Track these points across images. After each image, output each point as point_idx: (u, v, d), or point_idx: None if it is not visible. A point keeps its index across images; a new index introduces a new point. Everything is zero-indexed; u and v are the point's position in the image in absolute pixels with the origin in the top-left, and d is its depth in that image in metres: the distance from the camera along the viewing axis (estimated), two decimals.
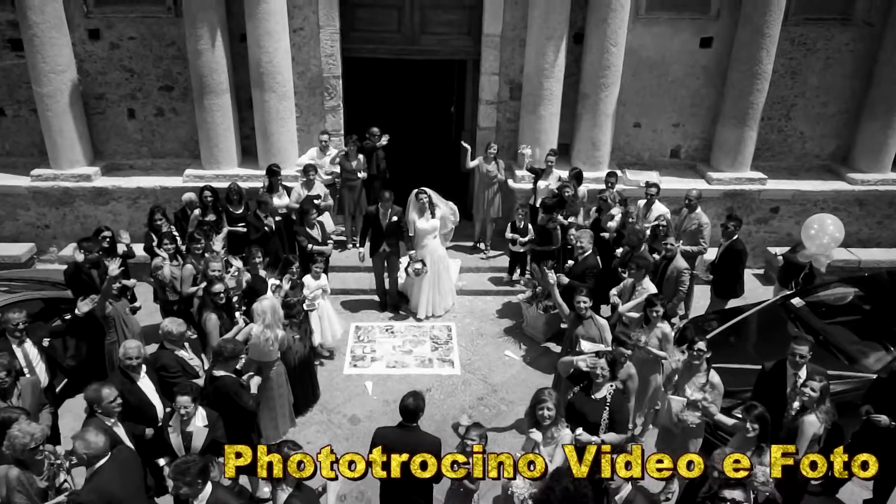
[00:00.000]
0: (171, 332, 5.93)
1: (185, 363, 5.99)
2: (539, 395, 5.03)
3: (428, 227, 8.70)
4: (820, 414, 5.34)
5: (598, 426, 5.40)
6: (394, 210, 8.55)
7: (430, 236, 8.76)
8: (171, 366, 5.87)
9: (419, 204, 8.67)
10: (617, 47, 9.39)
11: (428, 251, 8.73)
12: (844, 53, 10.20)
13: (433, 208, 8.70)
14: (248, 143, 10.08)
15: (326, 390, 7.52)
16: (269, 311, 6.26)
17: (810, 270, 8.27)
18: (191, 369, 5.99)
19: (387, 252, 8.65)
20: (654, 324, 6.26)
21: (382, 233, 8.53)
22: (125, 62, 9.71)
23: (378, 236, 8.59)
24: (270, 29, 9.01)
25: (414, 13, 9.82)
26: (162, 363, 5.88)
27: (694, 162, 10.71)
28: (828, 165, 10.87)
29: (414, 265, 8.48)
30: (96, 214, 9.80)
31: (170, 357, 5.94)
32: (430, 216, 8.70)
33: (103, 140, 10.13)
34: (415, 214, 8.73)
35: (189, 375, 5.92)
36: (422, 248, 8.75)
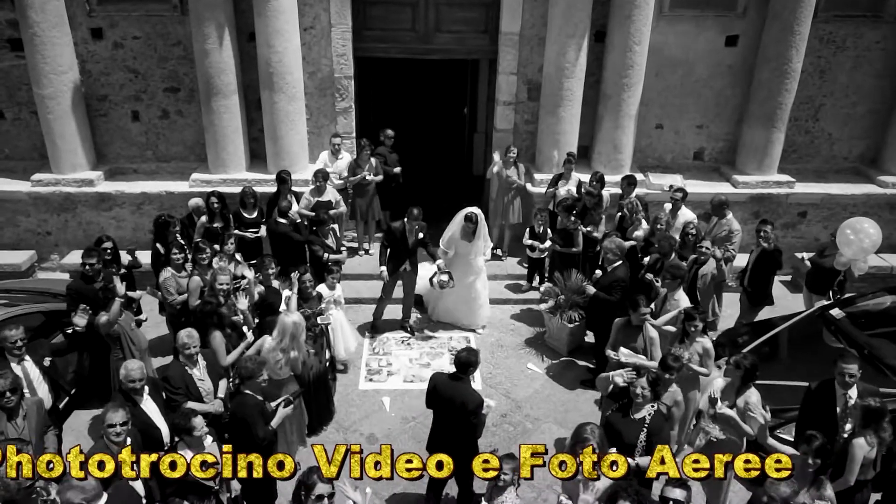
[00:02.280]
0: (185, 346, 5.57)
1: (191, 382, 5.62)
2: (581, 432, 4.64)
3: (470, 250, 8.22)
4: (870, 437, 4.99)
5: (634, 448, 5.05)
6: (420, 227, 8.02)
7: (470, 255, 8.25)
8: (176, 380, 5.52)
9: (466, 226, 8.13)
10: (640, 46, 9.03)
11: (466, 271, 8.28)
12: (875, 52, 9.83)
13: (478, 232, 8.18)
14: (257, 146, 9.73)
15: (341, 406, 7.15)
16: (290, 331, 5.91)
17: (843, 277, 7.91)
18: (195, 390, 5.61)
19: (407, 271, 8.15)
20: (694, 339, 5.89)
21: (407, 251, 8.00)
22: (129, 62, 9.36)
23: (400, 254, 8.01)
24: (280, 27, 8.64)
25: (429, 11, 9.45)
26: (167, 375, 5.56)
27: (718, 164, 10.34)
28: (856, 167, 10.50)
29: (440, 276, 7.88)
30: (99, 221, 9.45)
31: (178, 372, 5.59)
32: (473, 239, 8.19)
33: (106, 143, 9.77)
34: (458, 234, 8.21)
35: (191, 396, 5.55)
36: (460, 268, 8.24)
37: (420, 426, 6.93)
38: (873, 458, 5.01)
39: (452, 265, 8.22)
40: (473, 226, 8.07)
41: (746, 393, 5.35)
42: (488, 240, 8.53)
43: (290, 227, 8.05)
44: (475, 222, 8.07)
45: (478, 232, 8.15)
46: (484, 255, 8.43)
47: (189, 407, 5.46)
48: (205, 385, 5.71)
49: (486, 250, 8.46)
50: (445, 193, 12.26)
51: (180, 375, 5.58)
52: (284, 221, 8.03)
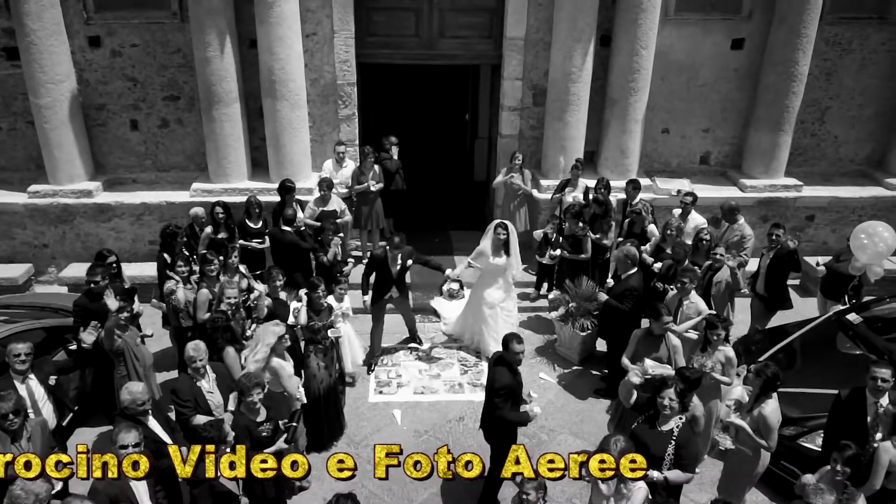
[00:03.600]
0: (191, 359, 5.41)
1: (200, 395, 5.45)
2: (605, 444, 4.50)
3: (500, 263, 7.72)
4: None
5: (662, 461, 4.91)
6: (405, 253, 7.54)
7: (500, 275, 7.81)
8: (185, 393, 5.37)
9: (496, 238, 7.65)
10: (647, 50, 8.94)
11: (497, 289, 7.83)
12: (881, 54, 9.79)
13: (508, 247, 7.69)
14: (258, 155, 9.56)
15: (352, 420, 6.98)
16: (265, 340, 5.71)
17: (858, 282, 7.82)
18: (203, 403, 5.44)
19: (394, 298, 7.67)
20: (716, 347, 5.77)
21: (391, 279, 7.55)
22: (127, 71, 9.19)
23: (384, 282, 7.56)
24: (283, 34, 8.50)
25: (433, 16, 9.33)
26: (175, 388, 5.42)
27: (724, 168, 10.26)
28: (863, 170, 10.44)
29: (450, 284, 7.52)
30: (98, 232, 9.26)
31: (186, 384, 5.45)
32: (504, 255, 7.72)
33: (104, 153, 9.59)
34: (489, 248, 7.73)
35: (200, 409, 5.38)
36: (490, 287, 7.84)
37: (433, 439, 6.78)
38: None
39: (480, 283, 7.90)
40: (505, 235, 7.64)
41: (765, 403, 5.22)
42: (518, 258, 7.95)
43: (297, 236, 7.89)
44: (506, 230, 7.66)
45: (510, 246, 7.70)
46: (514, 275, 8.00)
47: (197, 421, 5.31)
48: (214, 398, 5.55)
49: (516, 269, 8.00)
50: (447, 200, 12.16)
51: (189, 388, 5.43)
52: (290, 230, 7.87)
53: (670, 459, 4.89)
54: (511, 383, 5.44)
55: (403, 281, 7.75)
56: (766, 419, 5.15)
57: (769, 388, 5.20)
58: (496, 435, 5.65)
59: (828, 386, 6.15)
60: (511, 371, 5.50)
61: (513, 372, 5.51)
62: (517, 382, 5.52)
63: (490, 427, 5.67)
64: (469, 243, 10.36)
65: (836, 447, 4.62)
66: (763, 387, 5.21)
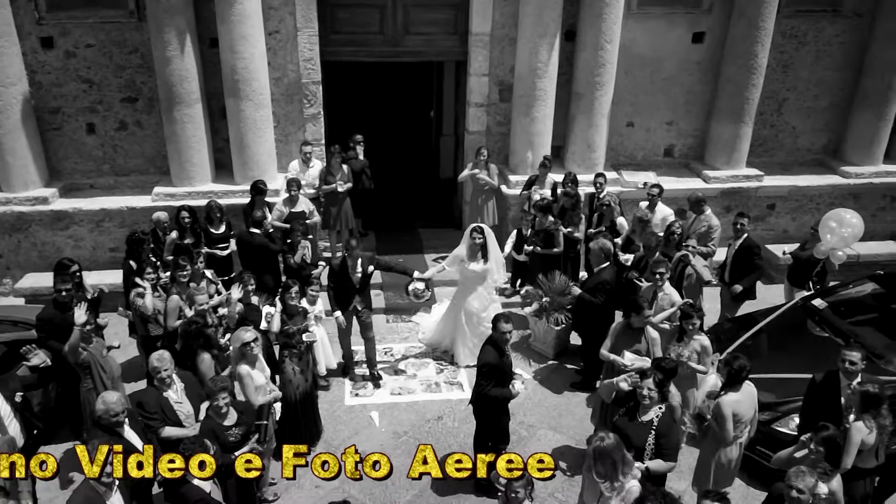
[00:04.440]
0: (155, 370, 5.25)
1: (168, 406, 5.30)
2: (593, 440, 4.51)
3: (478, 269, 7.52)
4: (868, 421, 5.01)
5: (643, 451, 4.95)
6: (365, 259, 7.17)
7: (478, 282, 7.62)
8: (151, 405, 5.22)
9: (472, 243, 7.44)
10: (612, 44, 9.02)
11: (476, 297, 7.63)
12: (835, 46, 10.07)
13: (486, 252, 7.51)
14: (222, 157, 9.35)
15: (329, 424, 6.89)
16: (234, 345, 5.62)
17: (822, 268, 8.02)
18: (171, 414, 5.29)
19: (358, 310, 7.23)
20: (692, 336, 5.85)
21: (353, 288, 7.11)
22: (83, 72, 8.87)
23: (346, 293, 7.14)
24: (245, 33, 8.31)
25: (397, 13, 9.24)
26: (141, 400, 5.25)
27: (687, 160, 10.43)
28: (819, 159, 10.73)
29: (415, 284, 7.28)
30: (55, 241, 8.93)
31: (153, 396, 5.30)
32: (481, 259, 7.53)
33: (60, 158, 9.25)
34: (465, 253, 7.53)
35: (168, 421, 5.23)
36: (469, 294, 7.64)
37: (412, 440, 6.73)
38: (873, 444, 5.03)
39: (460, 291, 7.70)
40: (481, 239, 7.42)
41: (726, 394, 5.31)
42: (500, 260, 7.75)
43: (265, 239, 7.73)
44: (482, 234, 7.45)
45: (488, 250, 7.50)
46: (496, 281, 7.75)
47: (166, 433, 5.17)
48: (183, 408, 5.41)
49: (498, 275, 7.74)
50: (414, 199, 12.09)
51: (155, 399, 5.29)
52: (258, 232, 7.71)
53: (651, 449, 4.94)
54: (495, 362, 5.57)
55: (367, 290, 7.31)
56: (720, 408, 5.24)
57: (734, 380, 5.27)
58: (482, 412, 5.84)
59: (798, 370, 6.31)
60: (498, 350, 5.61)
61: (500, 352, 5.62)
62: (504, 362, 5.65)
63: (478, 404, 5.82)
64: (438, 241, 10.39)
65: (813, 429, 4.72)
66: (728, 379, 5.31)
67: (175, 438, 5.09)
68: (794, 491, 4.25)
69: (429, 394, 7.42)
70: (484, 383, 5.60)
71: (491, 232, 7.62)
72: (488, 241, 7.50)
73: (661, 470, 4.94)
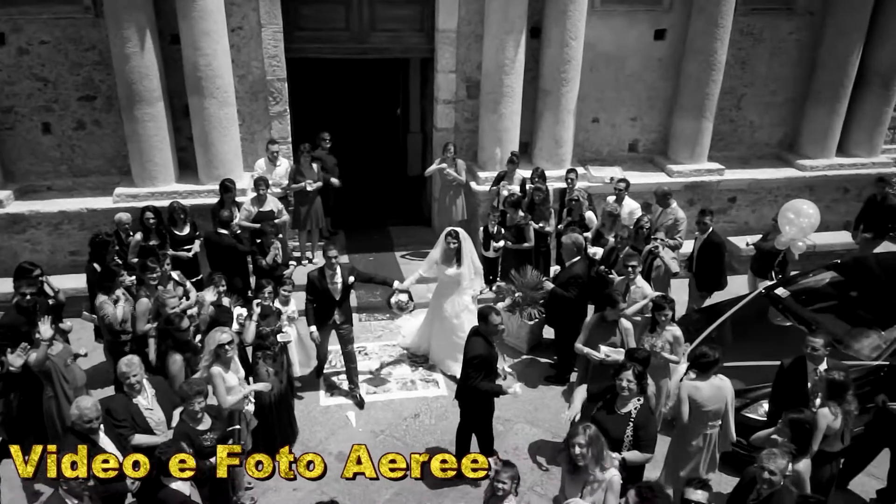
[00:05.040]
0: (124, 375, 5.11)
1: (137, 413, 5.17)
2: (573, 430, 4.55)
3: (451, 274, 7.37)
4: (833, 407, 5.19)
5: (622, 443, 5.03)
6: (344, 269, 6.90)
7: (453, 287, 7.44)
8: (119, 412, 5.07)
9: (446, 247, 7.30)
10: (577, 41, 9.12)
11: (449, 301, 7.46)
12: (789, 42, 10.37)
13: (460, 256, 7.35)
14: (185, 156, 9.14)
15: (305, 425, 6.80)
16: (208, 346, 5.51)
17: (783, 258, 8.27)
18: (141, 421, 5.16)
19: (337, 323, 6.96)
20: (664, 327, 5.97)
21: (333, 301, 6.84)
22: (37, 70, 8.56)
23: (326, 304, 6.84)
24: (208, 28, 8.14)
25: (363, 9, 9.17)
26: (109, 407, 5.07)
27: (651, 155, 10.62)
28: (777, 153, 11.05)
29: (398, 296, 7.02)
30: (11, 245, 8.60)
31: (121, 403, 5.15)
32: (456, 264, 7.38)
33: (14, 160, 8.91)
34: (439, 257, 7.41)
35: (138, 428, 5.11)
36: (443, 298, 7.50)
37: (390, 438, 6.71)
38: (838, 428, 5.21)
39: (436, 294, 7.60)
40: (455, 243, 7.28)
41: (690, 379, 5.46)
42: (478, 266, 7.62)
43: (234, 239, 7.59)
44: (457, 239, 7.30)
45: (462, 255, 7.35)
46: (473, 289, 7.53)
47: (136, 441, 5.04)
48: (154, 415, 5.29)
49: (474, 282, 7.54)
50: (382, 196, 12.04)
51: (124, 406, 5.14)
52: (226, 233, 7.57)
53: (629, 441, 5.02)
54: (485, 354, 5.62)
55: (347, 302, 7.04)
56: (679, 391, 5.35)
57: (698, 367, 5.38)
58: (470, 405, 5.91)
59: (765, 358, 6.49)
60: (486, 342, 5.66)
61: (489, 343, 5.66)
62: (491, 354, 5.69)
63: (464, 397, 5.89)
64: (408, 238, 10.39)
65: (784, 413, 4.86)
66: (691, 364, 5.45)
67: (146, 446, 4.96)
68: (766, 472, 4.37)
69: (405, 391, 7.40)
70: (474, 375, 5.63)
71: (467, 236, 7.45)
72: (463, 246, 7.35)
73: (638, 461, 5.01)
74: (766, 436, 4.99)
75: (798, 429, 4.83)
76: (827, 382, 5.25)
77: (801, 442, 4.84)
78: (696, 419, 5.36)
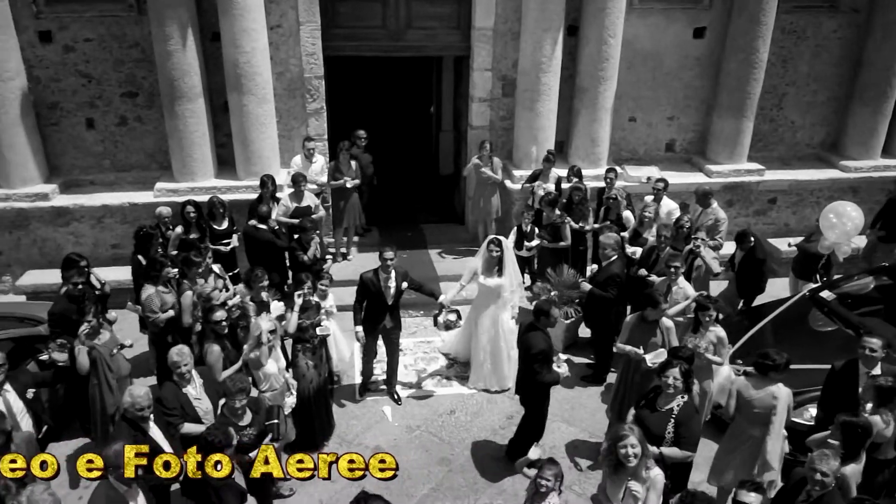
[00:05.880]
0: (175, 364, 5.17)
1: (187, 403, 5.23)
2: (618, 429, 4.49)
3: (492, 284, 7.01)
4: (885, 415, 5.04)
5: (662, 440, 4.95)
6: (399, 273, 6.65)
7: (493, 298, 7.11)
8: (170, 401, 5.13)
9: (488, 256, 6.95)
10: (615, 38, 9.04)
11: (490, 314, 7.12)
12: (832, 41, 10.16)
13: (502, 265, 7.03)
14: (223, 152, 9.25)
15: (341, 419, 6.83)
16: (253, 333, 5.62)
17: (828, 260, 8.09)
18: (191, 411, 5.22)
19: (387, 328, 6.81)
20: (707, 328, 5.87)
21: (386, 306, 6.68)
22: (81, 67, 8.74)
23: (378, 311, 6.70)
24: (247, 26, 8.23)
25: (399, 7, 9.20)
26: (160, 395, 5.15)
27: (689, 155, 10.48)
28: (818, 154, 10.82)
29: (447, 315, 6.74)
30: (55, 237, 8.80)
31: (172, 392, 5.19)
32: (497, 273, 7.04)
33: (59, 154, 9.11)
34: (480, 267, 7.06)
35: (187, 417, 5.16)
36: (484, 309, 7.15)
37: (426, 434, 6.70)
38: (890, 436, 5.06)
39: (475, 305, 7.28)
40: (498, 252, 6.92)
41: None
42: (519, 278, 7.37)
43: (272, 234, 7.66)
44: (500, 247, 6.95)
45: (504, 264, 7.02)
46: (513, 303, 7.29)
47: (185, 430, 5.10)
48: (202, 404, 5.33)
49: (514, 292, 7.27)
50: (415, 194, 12.06)
51: (174, 395, 5.19)
52: (265, 227, 7.63)
53: (670, 437, 4.94)
54: (546, 348, 5.71)
55: (398, 308, 6.83)
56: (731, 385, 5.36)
57: (757, 368, 5.29)
58: (531, 398, 5.97)
59: (807, 361, 6.33)
60: (545, 335, 5.74)
61: (546, 335, 5.75)
62: (551, 347, 5.78)
63: (526, 391, 5.95)
64: (441, 236, 10.39)
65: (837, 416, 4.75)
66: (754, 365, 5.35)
67: (194, 435, 5.02)
68: (819, 474, 4.27)
69: (441, 388, 7.39)
70: (539, 370, 5.67)
71: (509, 245, 7.16)
72: (505, 255, 7.05)
73: (676, 457, 4.91)
74: (822, 439, 4.87)
75: (850, 432, 4.72)
76: (875, 389, 5.09)
77: (852, 446, 4.73)
78: (743, 417, 5.28)
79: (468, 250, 9.81)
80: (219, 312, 5.81)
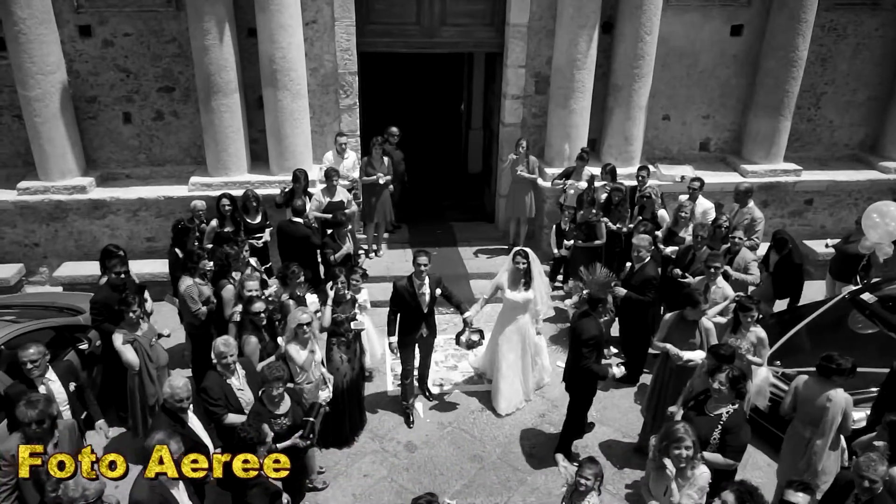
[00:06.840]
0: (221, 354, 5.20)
1: (231, 393, 5.27)
2: (674, 431, 4.42)
3: (519, 299, 6.64)
4: None
5: (708, 444, 4.88)
6: (433, 280, 6.41)
7: (520, 312, 6.78)
8: (215, 391, 5.16)
9: (514, 268, 6.57)
10: (651, 36, 8.93)
11: (517, 329, 6.81)
12: (874, 39, 9.94)
13: (529, 278, 6.66)
14: (257, 147, 9.32)
15: (373, 414, 6.84)
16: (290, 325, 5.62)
17: (867, 262, 7.92)
18: (235, 401, 5.26)
19: (423, 336, 6.58)
20: (748, 328, 5.77)
21: (422, 314, 6.43)
22: (120, 61, 8.85)
23: (413, 320, 6.45)
24: (284, 22, 8.27)
25: (434, 4, 9.18)
26: (205, 386, 5.19)
27: (724, 154, 10.33)
28: (856, 154, 10.61)
29: (469, 335, 6.49)
30: (92, 230, 8.92)
31: (216, 382, 5.23)
32: (523, 287, 6.68)
33: (96, 147, 9.23)
34: (506, 280, 6.73)
35: (231, 407, 5.20)
36: (510, 324, 6.81)
37: (457, 431, 6.68)
38: None
39: (499, 319, 6.91)
40: (525, 263, 6.52)
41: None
42: (547, 288, 7.07)
43: (308, 229, 7.69)
44: (526, 258, 6.55)
45: (531, 277, 6.64)
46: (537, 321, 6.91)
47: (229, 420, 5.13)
48: (245, 395, 5.37)
49: (542, 305, 6.88)
50: (444, 192, 12.04)
51: (219, 386, 5.23)
52: (300, 221, 7.67)
53: (715, 443, 4.87)
54: (598, 335, 5.71)
55: (433, 314, 6.59)
56: None
57: (820, 370, 5.21)
58: (578, 385, 5.93)
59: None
60: (598, 323, 5.76)
61: (599, 324, 5.77)
62: (603, 335, 5.82)
63: (573, 378, 5.92)
64: (471, 234, 10.36)
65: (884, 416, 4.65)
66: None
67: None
68: (867, 481, 4.17)
69: (471, 385, 7.36)
70: (588, 356, 5.65)
71: (536, 257, 6.75)
72: (532, 267, 6.64)
73: (718, 463, 4.83)
74: (868, 441, 4.77)
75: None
76: None
77: None
78: (800, 414, 5.29)
79: (498, 248, 9.79)
80: (258, 304, 5.84)
